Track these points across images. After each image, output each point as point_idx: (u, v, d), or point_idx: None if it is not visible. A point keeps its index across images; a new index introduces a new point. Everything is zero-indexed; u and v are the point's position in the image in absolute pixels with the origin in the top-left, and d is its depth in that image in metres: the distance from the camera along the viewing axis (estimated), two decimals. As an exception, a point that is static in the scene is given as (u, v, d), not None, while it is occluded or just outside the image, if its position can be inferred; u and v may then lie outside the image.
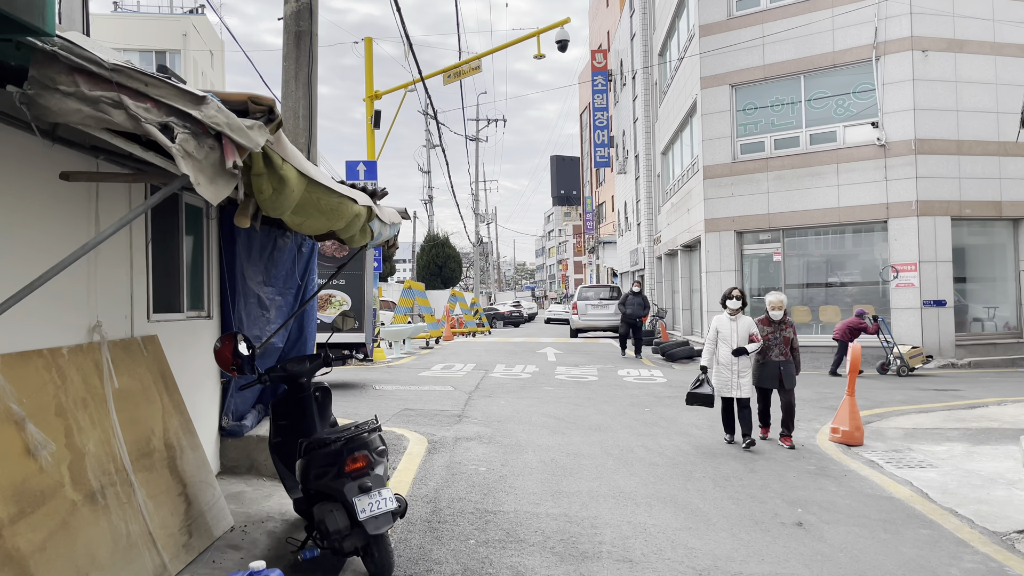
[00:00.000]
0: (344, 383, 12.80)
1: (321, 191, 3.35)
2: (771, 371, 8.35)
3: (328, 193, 3.43)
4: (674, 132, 24.42)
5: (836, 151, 17.68)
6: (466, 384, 12.93)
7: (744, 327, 8.22)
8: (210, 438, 6.09)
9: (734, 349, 8.13)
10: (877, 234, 17.51)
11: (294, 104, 7.41)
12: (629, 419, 9.84)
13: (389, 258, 52.98)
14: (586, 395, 11.85)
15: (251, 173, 2.72)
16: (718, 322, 8.36)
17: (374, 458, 4.22)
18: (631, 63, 34.77)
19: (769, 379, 8.37)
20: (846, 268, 18.13)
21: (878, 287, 17.51)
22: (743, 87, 19.09)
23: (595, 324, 27.21)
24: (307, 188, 3.17)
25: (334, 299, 11.42)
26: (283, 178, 2.80)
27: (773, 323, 8.40)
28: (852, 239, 18.03)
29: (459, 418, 9.48)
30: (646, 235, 31.49)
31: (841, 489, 6.64)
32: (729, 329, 8.25)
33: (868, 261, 17.78)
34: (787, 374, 8.33)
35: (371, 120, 16.07)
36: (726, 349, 8.20)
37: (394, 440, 7.89)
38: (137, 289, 4.83)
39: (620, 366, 16.49)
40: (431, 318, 23.38)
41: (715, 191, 19.32)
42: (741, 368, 8.18)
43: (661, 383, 13.51)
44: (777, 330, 8.38)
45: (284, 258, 7.17)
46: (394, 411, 9.89)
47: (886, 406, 11.19)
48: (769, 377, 8.37)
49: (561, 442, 8.27)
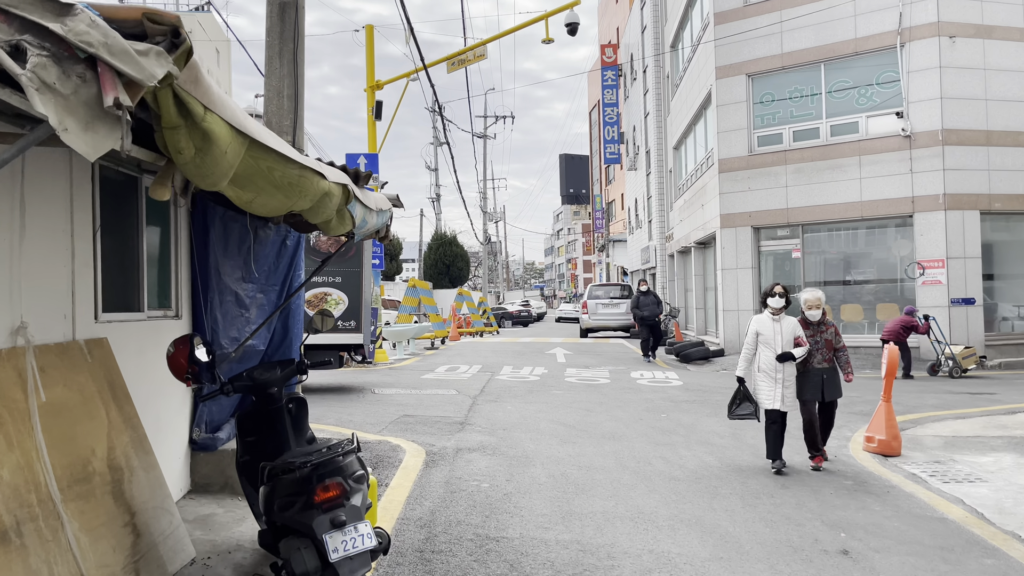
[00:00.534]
0: (341, 386, 12.14)
1: (272, 158, 2.67)
2: (813, 381, 7.21)
3: (283, 162, 2.75)
4: (687, 126, 23.67)
5: (858, 143, 16.90)
6: (471, 388, 12.25)
7: (789, 329, 7.15)
8: (178, 453, 5.43)
9: (779, 354, 7.05)
10: (902, 229, 16.73)
11: (278, 83, 6.75)
12: (645, 426, 9.13)
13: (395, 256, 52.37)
14: (598, 399, 11.15)
15: (162, 125, 2.03)
16: (759, 324, 7.25)
17: (350, 486, 3.54)
18: (641, 57, 34.02)
19: (811, 390, 7.20)
20: (869, 265, 17.35)
21: (902, 285, 16.73)
22: (760, 77, 18.33)
23: (606, 324, 26.49)
24: (251, 152, 2.49)
25: (330, 297, 10.76)
26: (208, 134, 2.12)
27: (811, 325, 7.33)
28: (875, 235, 17.25)
29: (461, 426, 8.80)
30: (658, 232, 30.73)
31: (886, 508, 5.92)
32: (772, 331, 7.15)
33: (892, 258, 16.99)
34: (831, 383, 7.26)
35: (372, 111, 15.40)
36: (769, 354, 7.12)
37: (388, 451, 7.20)
38: (81, 285, 4.16)
39: (633, 368, 15.77)
40: (436, 318, 22.71)
41: (731, 185, 18.57)
42: (786, 376, 7.10)
43: (677, 386, 12.79)
44: (816, 333, 7.31)
45: (266, 252, 6.51)
46: (392, 417, 9.21)
47: (918, 411, 10.45)
48: (811, 388, 7.20)
49: (572, 453, 7.57)
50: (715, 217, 19.15)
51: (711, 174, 19.78)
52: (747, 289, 18.23)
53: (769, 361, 7.11)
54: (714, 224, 19.35)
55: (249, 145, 2.44)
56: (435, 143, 54.31)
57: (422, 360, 17.41)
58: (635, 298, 18.21)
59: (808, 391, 7.20)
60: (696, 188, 22.28)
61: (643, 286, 18.17)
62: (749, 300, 18.15)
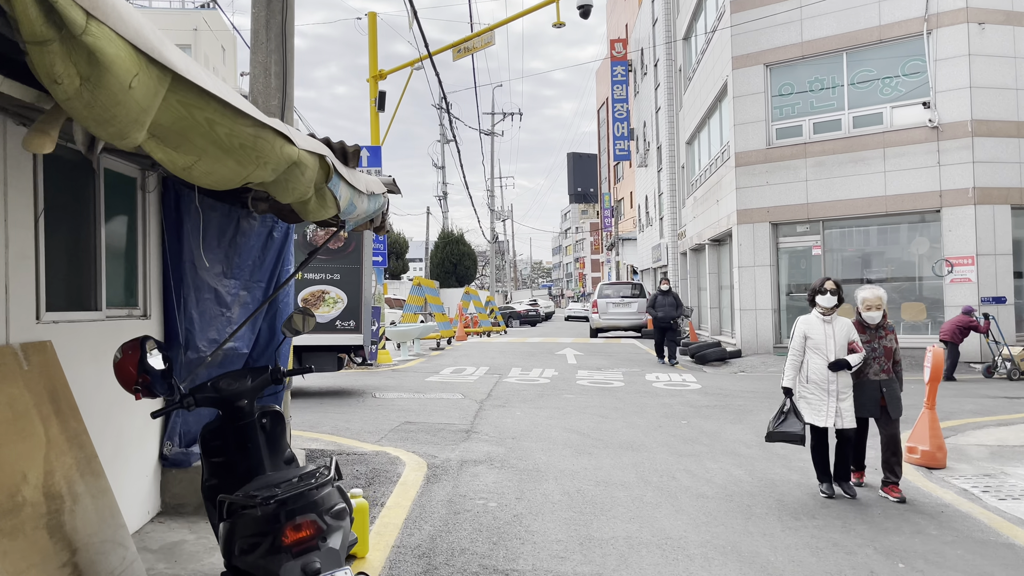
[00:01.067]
0: (341, 390, 11.51)
1: (214, 108, 2.02)
2: (870, 394, 6.14)
3: (230, 115, 2.11)
4: (701, 119, 22.97)
5: (883, 134, 16.18)
6: (477, 391, 11.60)
7: (842, 332, 6.13)
8: (145, 471, 4.80)
9: (831, 362, 6.02)
10: (929, 225, 16.00)
11: (264, 58, 6.12)
12: (665, 434, 8.47)
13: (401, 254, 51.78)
14: (613, 404, 10.49)
15: (23, 39, 1.39)
16: (806, 326, 6.24)
17: (326, 523, 2.89)
18: (652, 51, 33.31)
19: (868, 405, 6.14)
20: (893, 263, 16.63)
21: (930, 283, 16.00)
22: (778, 67, 17.62)
23: (616, 323, 25.81)
24: (179, 96, 1.85)
25: (327, 296, 10.14)
26: (95, 55, 1.48)
27: (868, 328, 6.24)
28: (900, 231, 16.52)
29: (467, 434, 8.15)
30: (669, 230, 30.03)
31: (944, 532, 5.25)
32: (823, 335, 6.12)
33: (918, 255, 16.27)
34: (891, 398, 6.16)
35: (375, 102, 14.80)
36: (820, 362, 6.07)
37: (386, 464, 6.56)
38: (17, 279, 3.54)
39: (648, 370, 15.10)
40: (442, 317, 22.07)
41: (748, 180, 17.87)
42: (841, 388, 6.03)
43: (695, 389, 12.12)
44: (874, 338, 6.20)
45: (250, 244, 5.88)
46: (392, 425, 8.57)
47: (956, 417, 9.76)
48: (868, 402, 6.14)
49: (588, 466, 6.92)
50: (731, 213, 18.45)
51: (727, 168, 19.08)
52: (765, 288, 17.53)
53: (820, 370, 6.07)
54: (730, 220, 18.65)
55: (173, 84, 1.80)
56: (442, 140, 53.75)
57: (427, 361, 16.78)
58: (652, 297, 17.13)
59: (866, 406, 6.14)
60: (710, 183, 21.59)
61: (664, 284, 16.99)
62: (767, 299, 17.45)
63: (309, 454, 6.66)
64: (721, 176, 19.95)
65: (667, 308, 16.58)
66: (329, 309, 10.17)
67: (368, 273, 10.30)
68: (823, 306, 6.23)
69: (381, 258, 15.41)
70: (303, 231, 10.21)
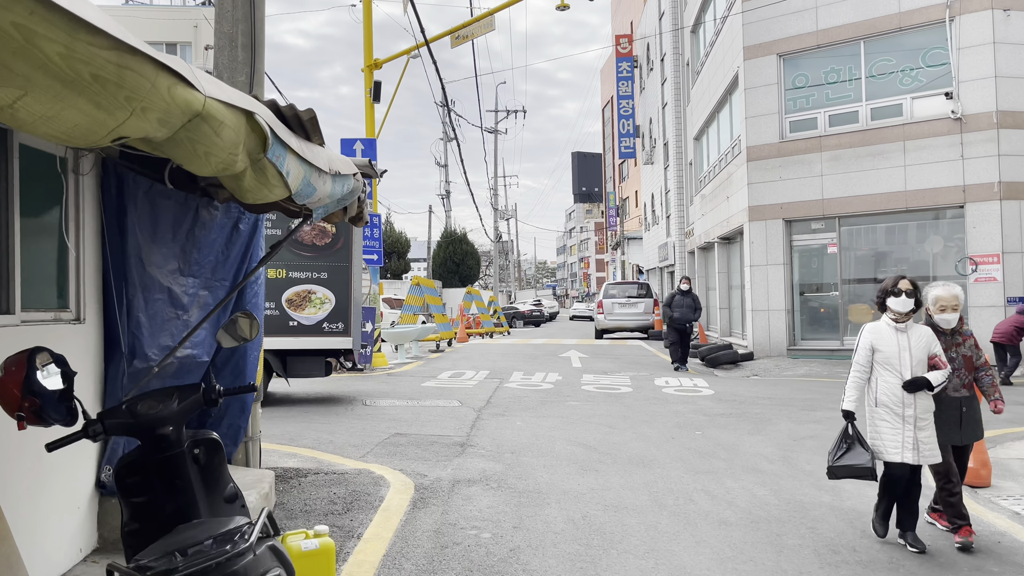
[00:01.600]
0: (330, 397, 10.81)
1: (43, 17, 1.31)
2: (949, 415, 4.99)
3: (71, 29, 1.40)
4: (710, 113, 22.23)
5: (902, 126, 15.44)
6: (476, 398, 10.89)
7: (921, 343, 4.90)
8: (76, 502, 4.10)
9: (907, 381, 4.81)
10: (951, 222, 15.25)
11: (230, 28, 5.42)
12: (678, 447, 7.75)
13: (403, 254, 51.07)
14: (621, 412, 9.77)
15: None
16: (874, 336, 4.98)
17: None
18: (659, 46, 32.58)
19: (946, 428, 4.97)
20: (914, 261, 15.86)
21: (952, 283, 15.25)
22: (792, 57, 16.88)
23: (622, 324, 25.09)
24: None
25: (314, 296, 9.44)
26: None
27: (943, 334, 5.10)
28: (921, 227, 15.77)
29: (462, 448, 7.43)
30: (676, 228, 29.29)
31: (1006, 569, 4.52)
32: (896, 347, 4.89)
33: (940, 253, 15.51)
34: (971, 420, 5.06)
35: (370, 93, 14.10)
36: (892, 381, 4.86)
37: (369, 485, 5.84)
38: None
39: (657, 374, 14.37)
40: (442, 318, 21.37)
41: (760, 175, 17.13)
42: (920, 413, 4.82)
43: (708, 396, 11.39)
44: (951, 346, 5.09)
45: (212, 238, 5.18)
46: (381, 437, 7.86)
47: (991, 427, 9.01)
48: (946, 425, 4.97)
49: (595, 485, 6.20)
50: (742, 210, 17.71)
51: (738, 163, 18.35)
52: (778, 287, 16.78)
53: (892, 390, 4.86)
54: (741, 217, 17.92)
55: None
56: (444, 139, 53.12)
57: (424, 364, 16.07)
58: (669, 296, 15.81)
59: (944, 430, 4.96)
60: (720, 180, 20.85)
61: (684, 284, 15.74)
62: (781, 299, 16.71)
63: (282, 474, 5.96)
64: (731, 172, 19.21)
65: (685, 309, 15.35)
66: (316, 310, 9.47)
67: (358, 272, 9.60)
68: (897, 311, 4.93)
69: (376, 256, 14.71)
70: (287, 227, 9.50)
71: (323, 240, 9.48)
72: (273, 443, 7.34)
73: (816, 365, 15.22)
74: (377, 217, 14.63)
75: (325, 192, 3.48)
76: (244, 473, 5.06)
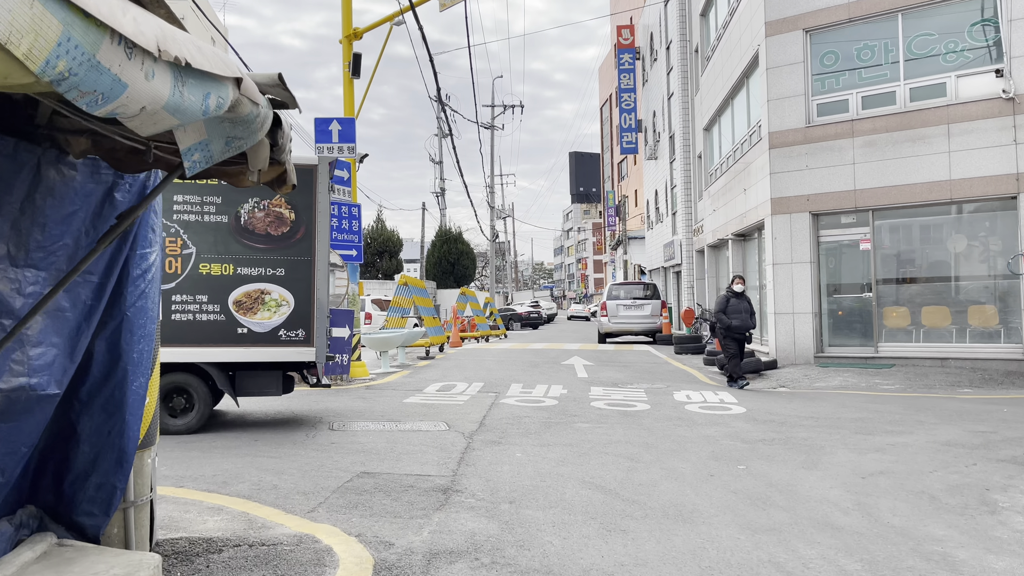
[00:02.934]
0: (290, 419, 9.11)
1: None
2: None
3: None
4: (722, 100, 20.57)
5: (946, 108, 13.78)
6: (467, 418, 9.19)
7: None
8: None
9: None
10: (1002, 214, 13.60)
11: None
12: (722, 489, 6.07)
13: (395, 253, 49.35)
14: (641, 438, 8.08)
15: None
16: None
17: None
18: (663, 33, 30.95)
19: None
20: (958, 258, 14.21)
21: (1001, 282, 13.59)
22: (820, 32, 15.22)
23: (628, 327, 23.41)
24: None
25: (268, 297, 7.73)
26: None
27: None
28: (967, 221, 14.11)
29: (445, 495, 5.72)
30: (683, 226, 27.62)
31: None
32: None
33: (989, 249, 13.86)
34: None
35: (348, 66, 12.41)
36: None
37: (309, 564, 4.12)
38: None
39: (675, 386, 12.67)
40: (433, 321, 19.65)
41: (784, 163, 15.47)
42: None
43: (739, 415, 9.71)
44: None
45: (67, 211, 3.49)
46: (342, 479, 6.14)
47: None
48: None
49: (623, 557, 4.50)
50: (764, 202, 16.05)
51: (757, 151, 16.68)
52: (804, 288, 15.12)
53: None
54: (762, 211, 16.25)
55: None
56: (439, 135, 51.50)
57: (411, 374, 14.34)
58: (722, 299, 12.97)
59: None
60: (735, 171, 19.18)
61: (738, 284, 12.90)
62: (807, 301, 15.04)
63: (186, 550, 4.22)
64: (749, 161, 17.54)
65: (744, 315, 12.67)
66: (271, 315, 7.75)
67: (324, 268, 7.89)
68: None
69: (356, 252, 12.99)
70: (234, 212, 7.80)
71: (279, 228, 7.77)
72: (198, 489, 5.64)
73: (850, 375, 13.56)
74: (356, 207, 12.94)
75: (151, 96, 1.78)
76: (111, 563, 3.36)
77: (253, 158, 2.88)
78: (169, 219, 7.60)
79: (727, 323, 12.65)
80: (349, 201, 12.82)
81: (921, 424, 9.01)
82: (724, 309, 12.81)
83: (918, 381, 12.63)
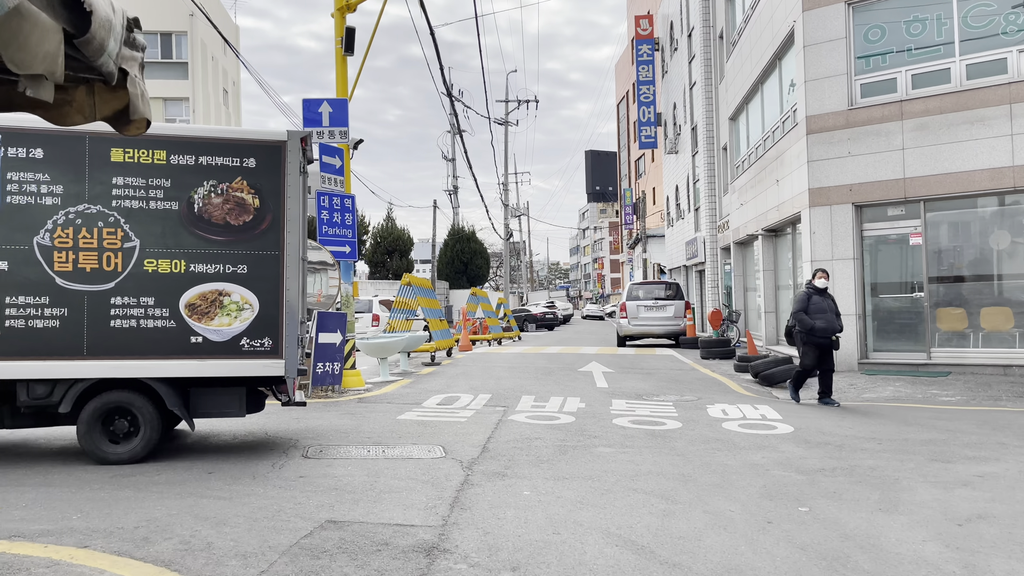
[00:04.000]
0: (260, 442, 7.82)
1: None
2: None
3: None
4: (751, 86, 19.16)
5: (1008, 86, 12.34)
6: (467, 441, 7.88)
7: None
8: None
9: None
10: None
11: None
12: (786, 545, 4.71)
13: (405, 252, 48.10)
14: (675, 468, 6.73)
15: None
16: None
17: None
18: (684, 21, 29.52)
19: None
20: (1022, 254, 12.75)
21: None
22: (865, 4, 13.81)
23: (650, 330, 22.01)
24: None
25: (227, 300, 6.47)
26: None
27: None
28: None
29: (429, 558, 4.39)
30: (707, 222, 26.18)
31: None
32: None
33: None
34: None
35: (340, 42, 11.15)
36: None
37: None
38: None
39: (707, 398, 11.29)
40: (438, 324, 18.34)
41: (823, 150, 14.06)
42: None
43: (786, 435, 8.32)
44: None
45: None
46: (301, 531, 4.83)
47: None
48: None
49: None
50: (801, 193, 14.64)
51: (793, 138, 15.26)
52: (847, 287, 13.70)
53: None
54: (798, 202, 14.84)
55: None
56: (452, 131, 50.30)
57: (411, 384, 13.04)
58: (802, 297, 10.60)
59: None
60: (766, 161, 17.76)
61: (820, 279, 10.52)
62: (850, 302, 13.62)
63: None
64: (783, 149, 16.12)
65: (829, 315, 10.33)
66: (230, 320, 6.47)
67: (294, 263, 6.60)
68: None
69: (349, 248, 11.71)
70: (186, 197, 6.52)
71: (240, 217, 6.49)
72: (106, 551, 4.35)
73: (902, 385, 12.13)
74: (350, 199, 11.67)
75: None
76: None
77: (18, 53, 1.57)
78: (107, 206, 6.34)
79: (809, 324, 10.28)
80: (342, 192, 11.55)
81: (1005, 448, 7.61)
82: (805, 308, 10.50)
83: (981, 392, 11.19)
